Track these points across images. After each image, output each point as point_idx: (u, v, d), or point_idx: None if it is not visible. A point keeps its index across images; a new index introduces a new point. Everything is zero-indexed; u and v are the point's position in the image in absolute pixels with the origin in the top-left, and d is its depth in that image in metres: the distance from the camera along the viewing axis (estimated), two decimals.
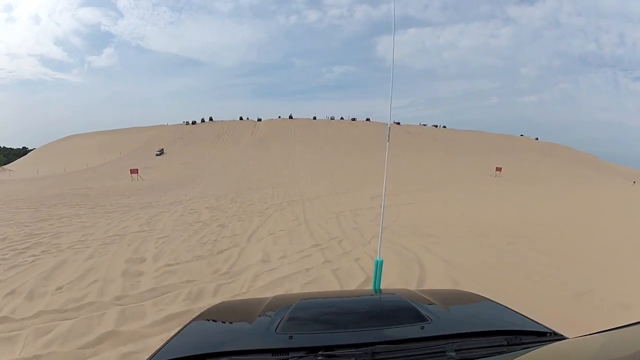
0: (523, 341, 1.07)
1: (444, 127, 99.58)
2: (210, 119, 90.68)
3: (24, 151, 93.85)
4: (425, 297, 1.49)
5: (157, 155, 58.26)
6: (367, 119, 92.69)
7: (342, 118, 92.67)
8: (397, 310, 1.35)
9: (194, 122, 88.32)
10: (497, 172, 37.79)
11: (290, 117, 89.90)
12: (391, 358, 0.98)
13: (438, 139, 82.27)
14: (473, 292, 1.81)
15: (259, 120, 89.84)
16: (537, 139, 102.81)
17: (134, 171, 25.85)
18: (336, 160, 47.76)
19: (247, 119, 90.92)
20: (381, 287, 2.53)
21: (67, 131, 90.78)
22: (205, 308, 1.69)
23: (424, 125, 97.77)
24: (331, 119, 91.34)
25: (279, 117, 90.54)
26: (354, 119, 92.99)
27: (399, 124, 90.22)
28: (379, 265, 2.48)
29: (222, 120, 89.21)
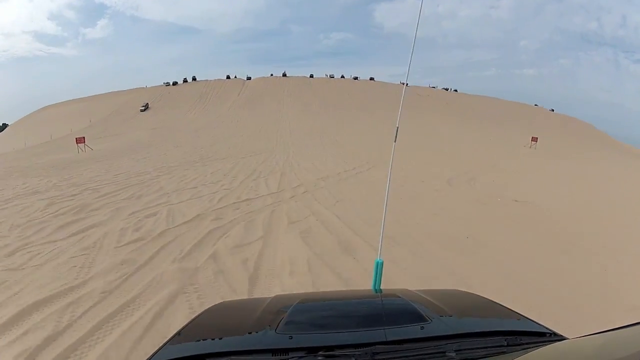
0: (523, 342, 1.06)
1: (455, 90, 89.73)
2: (194, 79, 79.64)
3: (3, 127, 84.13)
4: (426, 297, 1.44)
5: (141, 110, 56.23)
6: (371, 78, 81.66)
7: (342, 76, 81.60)
8: (397, 310, 1.33)
9: (174, 83, 77.62)
10: (533, 142, 32.14)
11: (284, 75, 78.82)
12: (391, 358, 0.97)
13: (450, 103, 73.91)
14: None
15: (249, 79, 78.82)
16: (552, 110, 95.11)
17: (79, 140, 22.77)
18: (339, 123, 38.91)
19: (235, 77, 79.88)
20: (381, 288, 2.25)
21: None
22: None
23: (434, 87, 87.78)
24: (330, 77, 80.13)
25: (271, 75, 79.63)
26: (356, 78, 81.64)
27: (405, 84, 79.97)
28: (379, 266, 2.25)
29: (207, 80, 78.29)
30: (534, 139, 32.66)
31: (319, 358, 0.96)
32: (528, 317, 1.26)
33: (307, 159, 14.63)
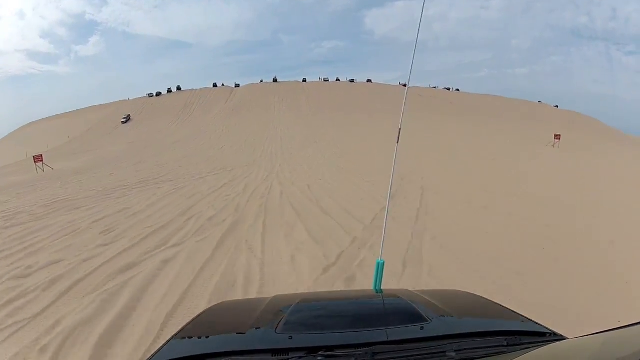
0: (523, 342, 1.05)
1: (457, 90, 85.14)
2: (179, 88, 74.54)
3: None
4: (426, 297, 1.42)
5: (123, 123, 54.01)
6: (369, 80, 76.62)
7: (338, 79, 76.43)
8: (397, 310, 1.31)
9: (158, 94, 72.63)
10: (556, 140, 30.61)
11: (275, 81, 73.68)
12: (391, 358, 0.96)
13: (454, 103, 69.55)
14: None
15: (237, 86, 73.48)
16: (556, 106, 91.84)
17: (37, 159, 21.93)
18: (339, 130, 33.81)
19: (223, 85, 74.67)
20: (382, 288, 2.26)
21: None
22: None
23: (434, 87, 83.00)
24: (325, 80, 74.75)
25: (261, 81, 74.46)
26: (352, 80, 76.31)
27: (405, 85, 75.56)
28: (380, 267, 2.25)
29: (192, 89, 73.06)
30: (557, 137, 30.93)
31: (319, 358, 0.94)
32: (528, 317, 1.23)
33: (300, 178, 9.48)
